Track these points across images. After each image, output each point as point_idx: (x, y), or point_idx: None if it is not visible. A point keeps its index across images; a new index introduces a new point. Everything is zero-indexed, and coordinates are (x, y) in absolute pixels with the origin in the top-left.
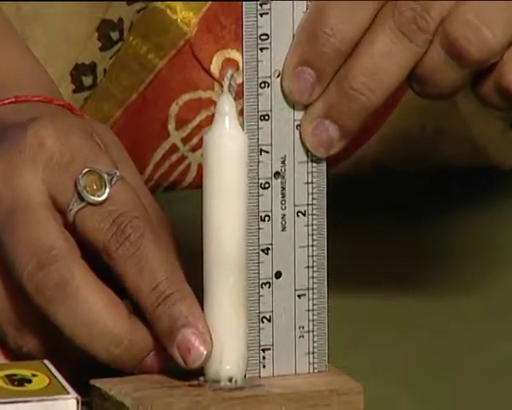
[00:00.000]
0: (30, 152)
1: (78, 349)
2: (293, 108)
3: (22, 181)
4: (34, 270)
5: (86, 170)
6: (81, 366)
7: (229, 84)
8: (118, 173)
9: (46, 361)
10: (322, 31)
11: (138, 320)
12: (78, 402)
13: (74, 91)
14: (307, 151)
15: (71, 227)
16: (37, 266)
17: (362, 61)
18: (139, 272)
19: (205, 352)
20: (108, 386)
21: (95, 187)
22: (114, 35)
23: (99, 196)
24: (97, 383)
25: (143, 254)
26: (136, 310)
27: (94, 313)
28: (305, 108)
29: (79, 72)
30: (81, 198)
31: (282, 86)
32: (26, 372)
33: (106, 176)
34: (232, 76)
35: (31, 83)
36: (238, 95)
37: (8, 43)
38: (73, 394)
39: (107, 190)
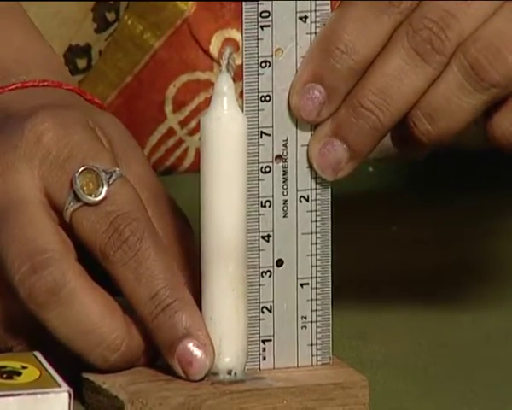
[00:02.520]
0: (26, 148)
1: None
2: None
3: (17, 178)
4: (27, 274)
5: (83, 168)
6: (75, 362)
7: (228, 62)
8: (117, 171)
9: (37, 353)
10: (336, 46)
11: (133, 324)
12: (70, 396)
13: None
14: (310, 133)
15: (67, 227)
16: (30, 269)
17: (373, 79)
18: (137, 279)
19: (207, 363)
20: (102, 379)
21: (91, 186)
22: (110, 16)
23: (96, 196)
24: (90, 376)
25: (142, 260)
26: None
27: (89, 320)
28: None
29: (73, 54)
30: (77, 198)
31: (288, 103)
32: (16, 365)
33: (103, 174)
34: (231, 54)
35: (39, 66)
36: (238, 76)
37: (16, 25)
38: (65, 387)
39: (105, 190)
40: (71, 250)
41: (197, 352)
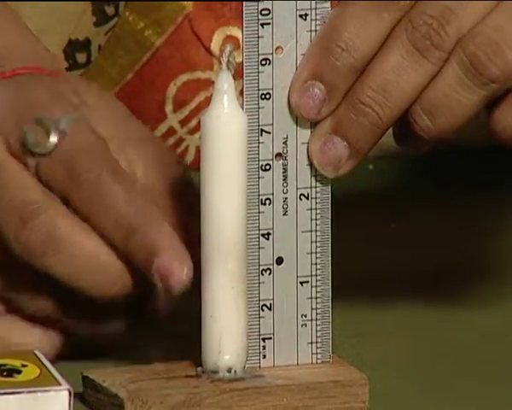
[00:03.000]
0: None
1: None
2: None
3: None
4: (19, 228)
5: (33, 122)
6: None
7: (228, 60)
8: (70, 116)
9: (37, 351)
10: (336, 44)
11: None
12: (70, 394)
13: (68, 70)
14: (310, 131)
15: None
16: (20, 223)
17: (373, 75)
18: (102, 211)
19: (185, 270)
20: (102, 377)
21: (41, 138)
22: (109, 10)
23: (47, 147)
24: (90, 374)
25: (103, 193)
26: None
27: (87, 256)
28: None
29: (73, 49)
30: (32, 153)
31: (288, 101)
32: (16, 363)
33: (52, 124)
34: (231, 52)
35: (21, 56)
36: (238, 74)
37: (5, 23)
38: (65, 385)
39: (55, 138)
40: (53, 196)
41: (173, 263)
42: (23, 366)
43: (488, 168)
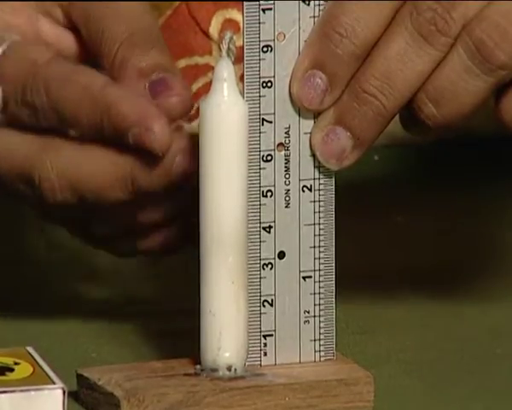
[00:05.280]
0: None
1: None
2: None
3: None
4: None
5: None
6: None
7: (228, 47)
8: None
9: (30, 348)
10: (336, 31)
11: None
12: (64, 393)
13: None
14: (313, 120)
15: None
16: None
17: (375, 63)
18: (72, 123)
19: (153, 135)
20: (97, 375)
21: None
22: None
23: None
24: (85, 372)
25: (59, 106)
26: None
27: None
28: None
29: None
30: None
31: (290, 91)
32: (8, 360)
33: None
34: (231, 38)
35: None
36: (238, 59)
37: None
38: (59, 383)
39: None
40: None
41: (145, 134)
42: (15, 363)
43: (497, 158)
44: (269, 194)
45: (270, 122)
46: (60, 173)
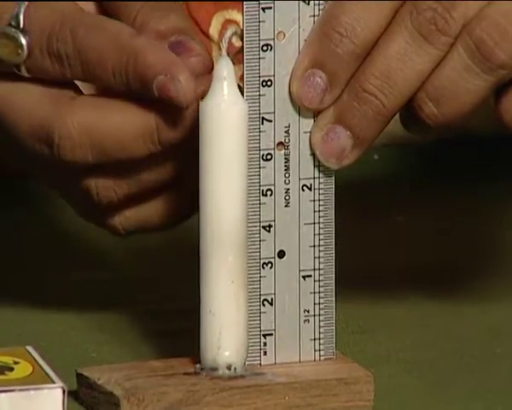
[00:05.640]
0: None
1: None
2: None
3: None
4: (45, 151)
5: None
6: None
7: (228, 46)
8: (22, 9)
9: (29, 347)
10: (336, 30)
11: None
12: (63, 392)
13: None
14: (313, 119)
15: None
16: (48, 149)
17: (375, 62)
18: (96, 72)
19: (179, 85)
20: (97, 375)
21: (11, 50)
22: None
23: (23, 55)
24: (85, 371)
25: (85, 52)
26: None
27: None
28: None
29: None
30: (15, 65)
31: (289, 90)
32: (7, 359)
33: (14, 31)
34: (232, 36)
35: None
36: (238, 60)
37: None
38: (59, 382)
39: (24, 42)
40: (59, 99)
41: (169, 83)
42: (15, 362)
43: (497, 157)
44: (269, 193)
45: (270, 121)
46: (81, 130)
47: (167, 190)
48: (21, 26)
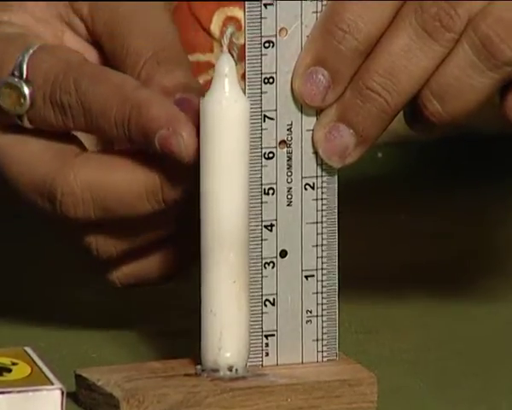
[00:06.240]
0: None
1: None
2: None
3: None
4: (49, 210)
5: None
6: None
7: (230, 42)
8: (26, 58)
9: (28, 349)
10: (338, 27)
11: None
12: (62, 393)
13: None
14: (316, 117)
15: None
16: (49, 205)
17: (379, 59)
18: (99, 124)
19: (181, 140)
20: (96, 376)
21: (14, 98)
22: None
23: (25, 106)
24: (84, 372)
25: (88, 103)
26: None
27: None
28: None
29: None
30: (17, 116)
31: (291, 88)
32: (5, 361)
33: (17, 81)
34: (233, 33)
35: None
36: (240, 57)
37: None
38: (58, 384)
39: (27, 92)
40: (62, 154)
41: (171, 137)
42: (13, 364)
43: (502, 156)
44: (270, 192)
45: (272, 119)
46: (84, 187)
47: (166, 245)
48: (25, 75)
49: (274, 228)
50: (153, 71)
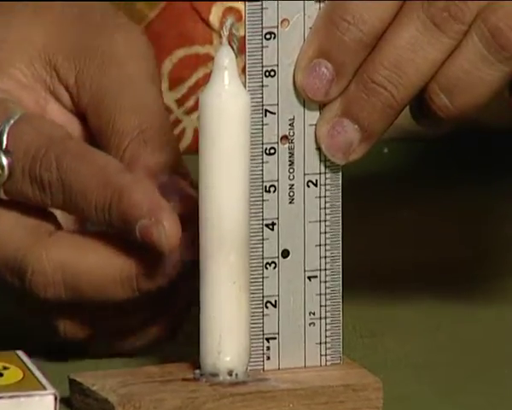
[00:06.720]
0: None
1: None
2: None
3: None
4: (21, 284)
5: None
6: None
7: (229, 33)
8: (6, 128)
9: (19, 352)
10: (343, 18)
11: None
12: (55, 399)
13: None
14: (319, 112)
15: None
16: (19, 281)
17: (385, 52)
18: (78, 204)
19: (162, 230)
20: (91, 381)
21: None
22: None
23: (3, 177)
24: (78, 377)
25: (69, 182)
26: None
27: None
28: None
29: None
30: None
31: (293, 81)
32: None
33: None
34: (233, 24)
35: None
36: (241, 50)
37: None
38: (51, 389)
39: (5, 163)
40: (36, 232)
41: (151, 228)
42: (4, 368)
43: (511, 152)
44: (272, 189)
45: (274, 113)
46: (56, 267)
47: (140, 328)
48: (4, 145)
49: (275, 227)
50: (137, 151)
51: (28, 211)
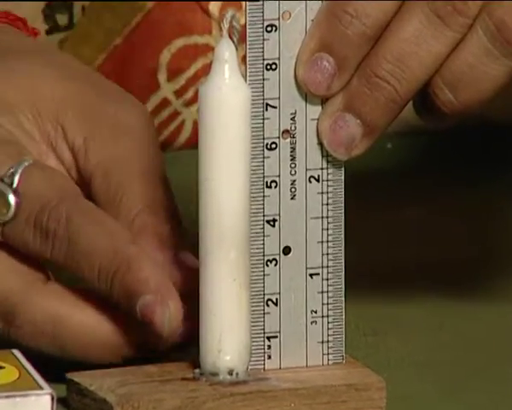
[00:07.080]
0: None
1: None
2: None
3: None
4: (6, 327)
5: None
6: None
7: (230, 26)
8: (19, 170)
9: (15, 351)
10: (345, 11)
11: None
12: (52, 399)
13: (48, 32)
14: (321, 106)
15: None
16: (6, 324)
17: (388, 45)
18: (80, 263)
19: (167, 312)
20: (88, 380)
21: (1, 206)
22: None
23: (7, 216)
24: (75, 376)
25: (76, 240)
26: None
27: (89, 334)
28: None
29: (53, 9)
30: None
31: (295, 75)
32: None
33: (4, 187)
34: (233, 16)
35: None
36: (241, 39)
37: None
38: (47, 389)
39: (13, 202)
40: (32, 278)
41: (154, 306)
42: (0, 367)
43: None
44: (273, 185)
45: (275, 107)
46: (46, 320)
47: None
48: (15, 185)
49: (277, 223)
50: (146, 221)
51: (22, 257)
